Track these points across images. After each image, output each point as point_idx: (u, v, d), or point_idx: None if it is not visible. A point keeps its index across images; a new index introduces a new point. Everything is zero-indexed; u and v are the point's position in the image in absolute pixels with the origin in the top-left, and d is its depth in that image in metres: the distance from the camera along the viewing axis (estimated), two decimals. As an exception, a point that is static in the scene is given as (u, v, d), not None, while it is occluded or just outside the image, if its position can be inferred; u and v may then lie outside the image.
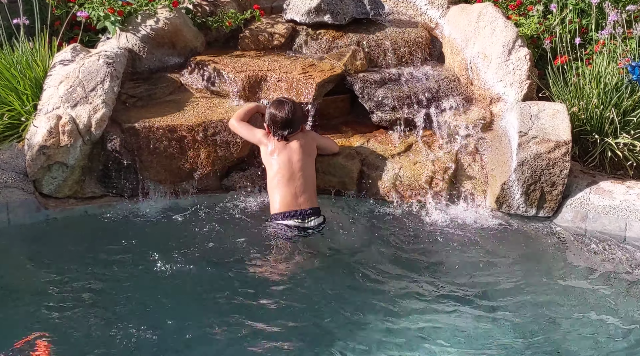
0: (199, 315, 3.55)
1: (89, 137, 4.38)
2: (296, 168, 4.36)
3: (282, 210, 4.31)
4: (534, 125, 4.46)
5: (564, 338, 3.47)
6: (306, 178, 4.37)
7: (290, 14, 5.46)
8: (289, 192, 4.32)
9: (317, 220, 4.33)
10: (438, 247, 4.26)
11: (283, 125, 4.40)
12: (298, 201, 4.31)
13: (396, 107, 4.89)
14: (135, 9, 5.10)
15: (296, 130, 4.46)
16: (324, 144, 4.66)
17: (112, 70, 4.61)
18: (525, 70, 4.83)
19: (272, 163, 4.41)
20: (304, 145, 4.44)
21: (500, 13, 5.16)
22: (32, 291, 3.75)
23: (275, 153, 4.41)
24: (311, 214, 4.32)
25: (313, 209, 4.33)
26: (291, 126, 4.42)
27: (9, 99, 4.66)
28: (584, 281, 3.95)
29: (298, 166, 4.36)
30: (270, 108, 4.48)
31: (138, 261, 4.00)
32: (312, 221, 4.31)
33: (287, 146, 4.41)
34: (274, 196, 4.36)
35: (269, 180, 4.40)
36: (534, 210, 4.47)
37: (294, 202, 4.31)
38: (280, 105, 4.45)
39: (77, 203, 4.50)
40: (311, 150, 4.50)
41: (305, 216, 4.30)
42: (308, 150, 4.46)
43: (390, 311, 3.64)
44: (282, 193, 4.32)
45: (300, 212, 4.30)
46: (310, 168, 4.44)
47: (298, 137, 4.45)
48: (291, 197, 4.31)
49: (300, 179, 4.35)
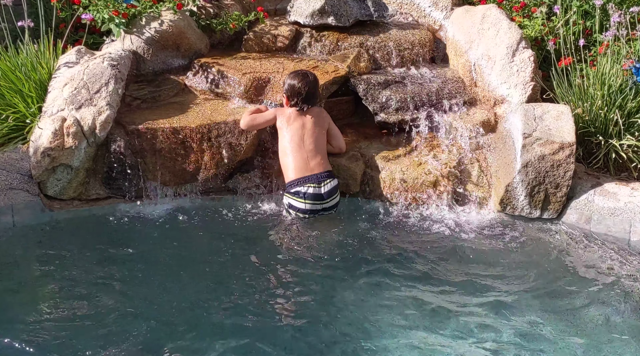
0: (204, 316, 3.55)
1: (93, 139, 4.39)
2: (308, 135, 4.49)
3: (296, 176, 4.42)
4: (538, 126, 4.45)
5: (567, 340, 3.46)
6: (317, 144, 4.50)
7: (294, 16, 5.47)
8: (300, 157, 4.44)
9: (332, 182, 4.45)
10: (441, 248, 4.25)
11: (302, 95, 4.54)
12: (310, 165, 4.44)
13: (400, 109, 4.89)
14: (140, 11, 5.11)
15: (314, 104, 4.60)
16: (334, 131, 4.71)
17: (116, 72, 4.62)
18: (529, 71, 4.83)
19: (285, 132, 4.52)
20: (318, 116, 4.59)
21: (504, 15, 5.16)
22: (37, 292, 3.75)
23: (290, 122, 4.53)
24: (326, 177, 4.43)
25: (327, 172, 4.46)
26: (310, 97, 4.56)
27: (13, 101, 4.68)
28: (588, 283, 3.94)
29: (310, 133, 4.50)
30: (290, 79, 4.60)
31: (142, 262, 4.01)
32: (327, 184, 4.42)
33: (301, 116, 4.55)
34: (287, 164, 4.47)
35: (281, 150, 4.52)
36: (538, 212, 4.46)
37: (306, 166, 4.44)
38: (301, 76, 4.59)
39: (82, 204, 4.51)
40: (324, 123, 4.62)
41: (321, 179, 4.42)
42: (321, 123, 4.60)
43: (392, 311, 3.63)
44: (294, 159, 4.45)
45: (315, 176, 4.41)
46: (321, 138, 4.55)
47: (314, 110, 4.59)
48: (303, 162, 4.44)
49: (312, 145, 4.48)
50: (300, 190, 4.40)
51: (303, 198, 4.41)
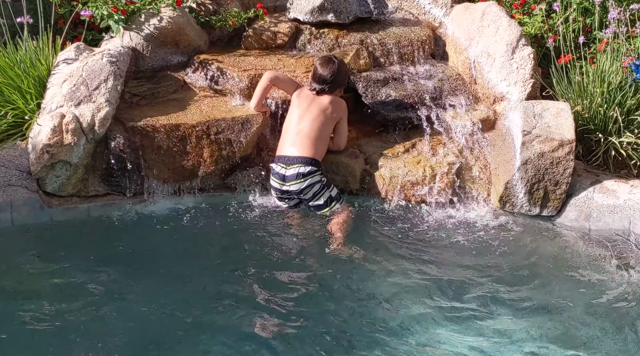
0: (204, 313, 3.55)
1: (92, 136, 4.38)
2: (308, 117, 4.49)
3: (277, 153, 4.47)
4: (538, 124, 4.45)
5: (567, 338, 3.46)
6: (313, 129, 4.47)
7: (293, 12, 5.46)
8: (289, 137, 4.47)
9: (301, 168, 4.34)
10: (441, 246, 4.25)
11: (320, 81, 4.58)
12: (292, 147, 4.43)
13: (399, 106, 4.89)
14: (139, 7, 5.10)
15: (331, 92, 4.60)
16: (341, 128, 4.69)
17: (115, 68, 4.61)
18: (529, 69, 4.82)
19: (293, 109, 4.57)
20: (331, 105, 4.57)
21: (504, 12, 5.16)
22: (35, 289, 3.75)
23: (301, 101, 4.56)
24: (297, 161, 4.36)
25: (303, 158, 4.38)
26: (327, 84, 4.57)
27: (12, 98, 4.67)
28: (588, 280, 3.94)
29: (312, 116, 4.50)
30: (317, 61, 4.67)
31: (141, 259, 4.01)
32: (294, 168, 4.35)
33: (314, 99, 4.56)
34: (280, 140, 4.53)
35: (284, 125, 4.57)
36: (538, 209, 4.46)
37: (289, 147, 4.44)
38: (326, 62, 4.63)
39: (81, 201, 4.50)
40: (335, 115, 4.60)
41: (290, 162, 4.37)
42: (332, 112, 4.57)
43: (392, 309, 3.64)
44: (283, 137, 4.50)
45: (287, 158, 4.39)
46: (323, 129, 4.51)
47: (330, 97, 4.59)
48: (289, 142, 4.46)
49: (307, 128, 4.46)
50: (272, 166, 4.48)
51: (272, 174, 4.46)
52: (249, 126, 4.65)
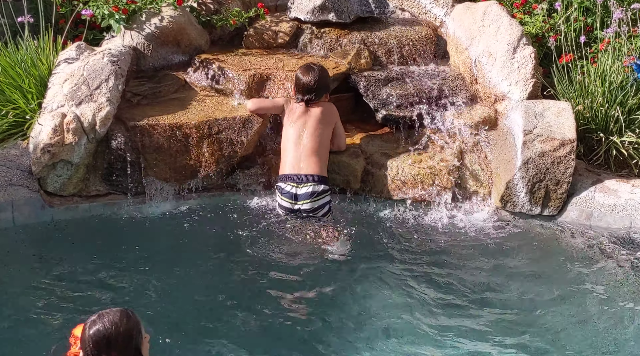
0: (205, 314, 3.56)
1: (93, 135, 4.38)
2: (308, 133, 4.44)
3: (283, 172, 4.40)
4: (539, 123, 4.45)
5: (569, 338, 3.46)
6: (316, 143, 4.43)
7: (294, 12, 5.46)
8: (294, 155, 4.40)
9: (313, 187, 4.32)
10: (442, 245, 4.25)
11: (305, 90, 4.50)
12: (300, 165, 4.37)
13: (400, 106, 4.88)
14: (140, 7, 5.10)
15: (319, 98, 4.53)
16: (339, 130, 4.66)
17: (116, 68, 4.61)
18: (530, 68, 4.82)
19: (287, 127, 4.50)
20: (324, 113, 4.52)
21: (505, 11, 5.15)
22: (37, 288, 3.75)
23: (294, 118, 4.50)
24: (308, 180, 4.32)
25: (313, 176, 4.34)
26: (313, 92, 4.50)
27: (13, 97, 4.67)
28: (588, 280, 3.94)
29: (311, 130, 4.44)
30: (297, 71, 4.58)
31: (142, 259, 4.01)
32: (305, 187, 4.32)
33: (306, 111, 4.50)
34: (282, 159, 4.46)
35: (282, 144, 4.50)
36: (539, 209, 4.46)
37: (296, 165, 4.38)
38: (306, 70, 4.55)
39: (82, 201, 4.50)
40: (330, 121, 4.55)
41: (301, 181, 4.33)
42: (327, 120, 4.53)
43: (392, 308, 3.64)
44: (287, 156, 4.42)
45: (298, 176, 4.34)
46: (324, 138, 4.48)
47: (320, 105, 4.53)
48: (295, 160, 4.39)
49: (310, 143, 4.41)
50: (281, 186, 4.40)
51: (281, 194, 4.39)
52: (250, 125, 4.65)
